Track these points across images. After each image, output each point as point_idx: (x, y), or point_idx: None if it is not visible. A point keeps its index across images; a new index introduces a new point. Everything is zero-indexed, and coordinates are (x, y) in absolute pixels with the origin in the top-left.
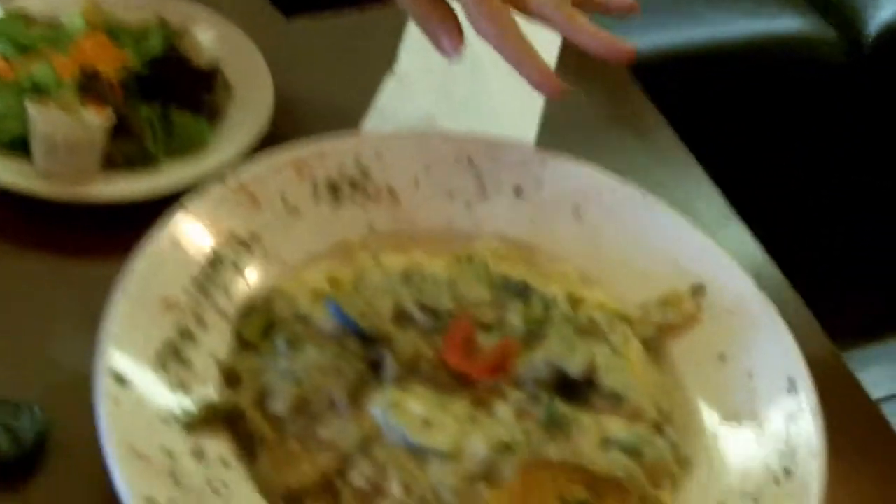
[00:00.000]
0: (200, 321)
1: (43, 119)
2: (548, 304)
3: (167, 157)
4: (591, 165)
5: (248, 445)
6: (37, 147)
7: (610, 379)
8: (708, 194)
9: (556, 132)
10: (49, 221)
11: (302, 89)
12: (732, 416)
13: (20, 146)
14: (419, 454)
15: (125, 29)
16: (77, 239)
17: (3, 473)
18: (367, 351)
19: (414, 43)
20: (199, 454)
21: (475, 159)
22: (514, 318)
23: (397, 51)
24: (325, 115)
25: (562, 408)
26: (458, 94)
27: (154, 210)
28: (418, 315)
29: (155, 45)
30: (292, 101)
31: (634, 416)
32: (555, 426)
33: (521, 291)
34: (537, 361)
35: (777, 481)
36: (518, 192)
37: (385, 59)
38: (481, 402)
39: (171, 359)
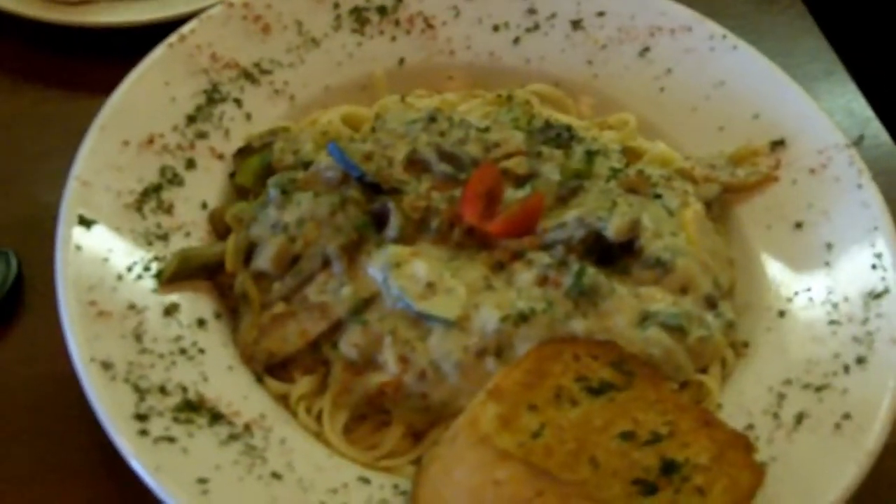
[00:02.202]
0: (190, 163)
1: None
2: (592, 155)
3: None
4: None
5: (228, 305)
6: None
7: (656, 244)
8: (814, 46)
9: None
10: (46, 51)
11: None
12: (804, 293)
13: None
14: (420, 323)
15: None
16: (68, 71)
17: None
18: (371, 202)
19: None
20: (171, 311)
21: None
22: (551, 170)
23: None
24: None
25: (594, 275)
26: None
27: (157, 38)
28: (436, 162)
29: None
30: None
31: (683, 288)
32: (583, 296)
33: (564, 138)
34: (570, 220)
35: (847, 370)
36: (576, 25)
37: None
38: (500, 267)
39: (151, 203)
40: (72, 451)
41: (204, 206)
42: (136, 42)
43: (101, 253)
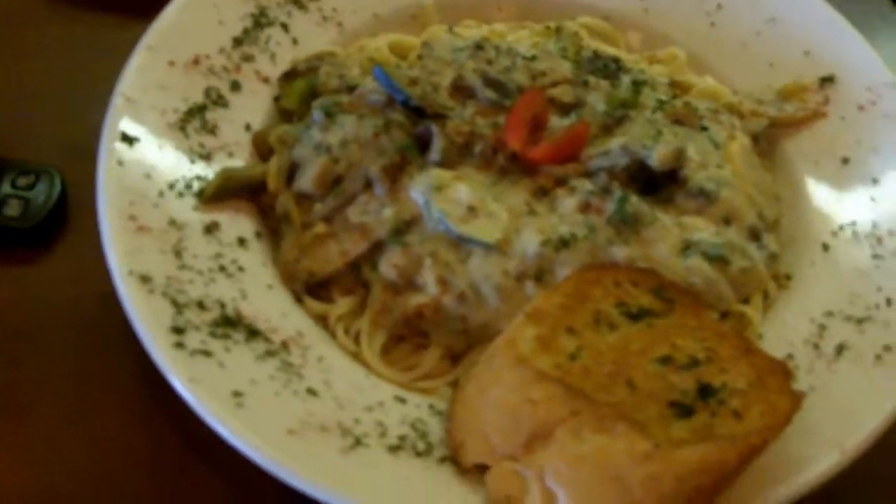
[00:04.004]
0: (235, 85)
1: None
2: (639, 85)
3: None
4: None
5: (270, 225)
6: None
7: (700, 174)
8: None
9: None
10: None
11: None
12: (849, 227)
13: None
14: (461, 246)
15: None
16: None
17: (15, 243)
18: (414, 126)
19: None
20: (211, 229)
21: None
22: (597, 100)
23: None
24: None
25: (636, 203)
26: None
27: None
28: (482, 89)
29: None
30: None
31: (727, 219)
32: (625, 223)
33: (611, 69)
34: (614, 148)
35: (889, 303)
36: None
37: None
38: (542, 193)
39: (195, 123)
40: (113, 368)
41: (248, 127)
42: None
43: (142, 169)
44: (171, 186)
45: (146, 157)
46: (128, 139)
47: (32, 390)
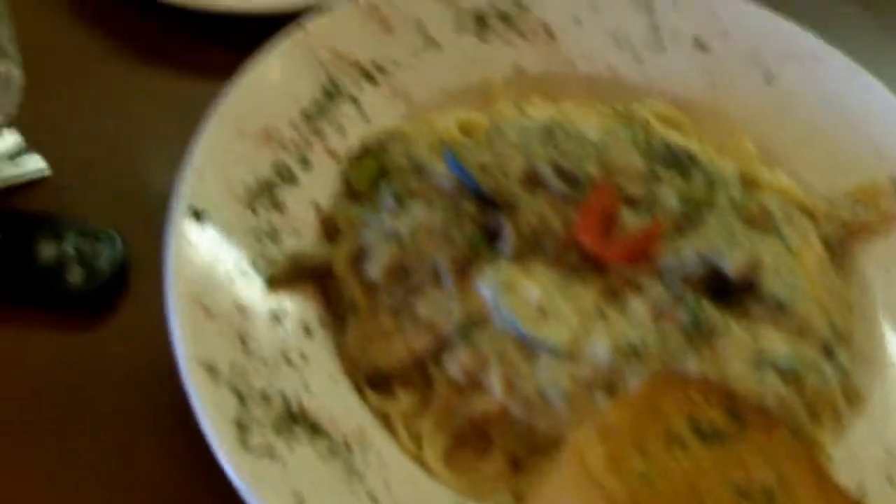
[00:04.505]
0: (304, 161)
1: None
2: (713, 182)
3: None
4: (795, 24)
5: (335, 314)
6: None
7: (775, 283)
8: None
9: None
10: (162, 29)
11: None
12: None
13: None
14: (529, 348)
15: None
16: (186, 51)
17: (75, 307)
18: (485, 216)
19: None
20: (277, 315)
21: (655, 1)
22: (670, 195)
23: None
24: None
25: (710, 312)
26: None
27: (277, 26)
28: (553, 179)
29: None
30: None
31: (800, 331)
32: (698, 333)
33: (684, 163)
34: (688, 252)
35: None
36: (699, 44)
37: None
38: (613, 294)
39: (264, 200)
40: (157, 437)
41: (316, 205)
42: (252, 26)
43: (210, 248)
44: (239, 268)
45: (214, 235)
46: (196, 215)
47: (80, 453)
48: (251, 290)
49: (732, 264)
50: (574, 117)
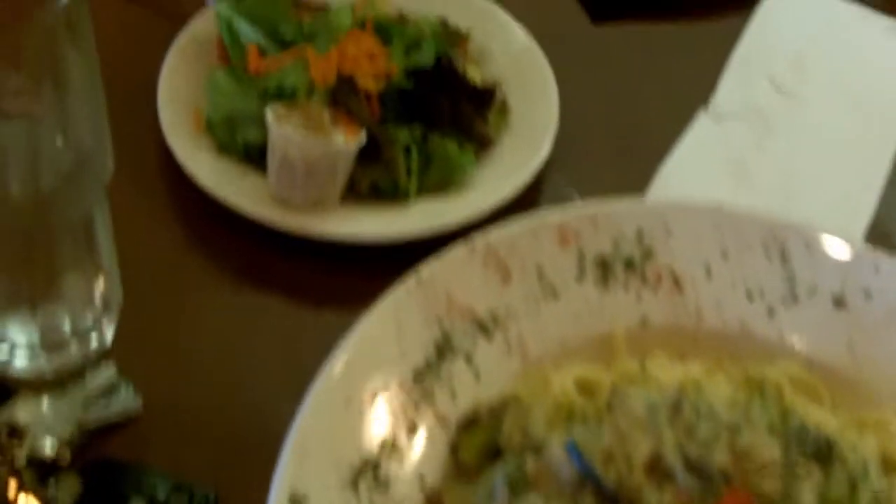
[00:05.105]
0: (412, 427)
1: (282, 133)
2: (855, 479)
3: (420, 193)
4: None
5: None
6: (272, 164)
7: None
8: None
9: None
10: (270, 249)
11: (591, 112)
12: None
13: (257, 156)
14: None
15: (397, 29)
16: (298, 278)
17: None
18: None
19: (739, 74)
20: None
21: (790, 252)
22: (807, 494)
23: (717, 80)
24: (614, 146)
25: None
26: (778, 148)
27: (394, 255)
28: (681, 471)
29: (427, 53)
30: (578, 125)
31: None
32: None
33: (823, 452)
34: None
35: None
36: (839, 302)
37: (702, 84)
38: None
39: (368, 477)
40: None
41: (422, 481)
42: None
43: None
44: None
45: None
46: (297, 501)
47: None
48: None
49: None
50: (703, 383)
